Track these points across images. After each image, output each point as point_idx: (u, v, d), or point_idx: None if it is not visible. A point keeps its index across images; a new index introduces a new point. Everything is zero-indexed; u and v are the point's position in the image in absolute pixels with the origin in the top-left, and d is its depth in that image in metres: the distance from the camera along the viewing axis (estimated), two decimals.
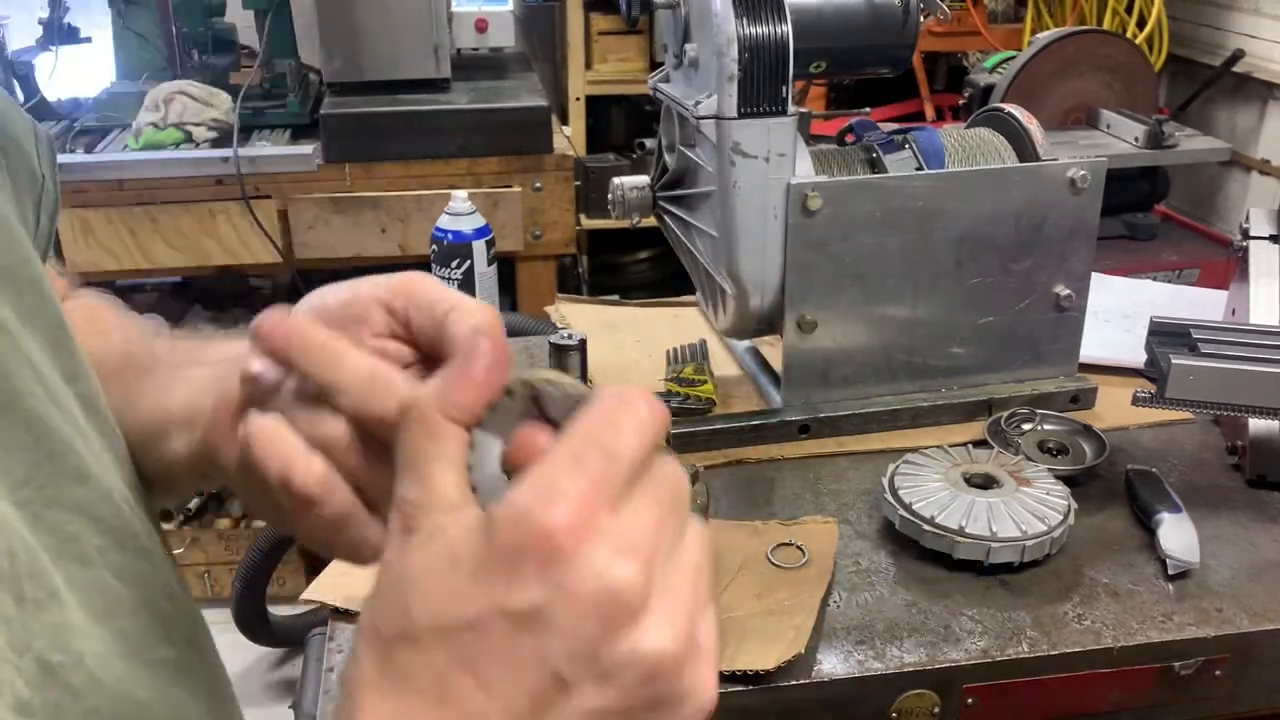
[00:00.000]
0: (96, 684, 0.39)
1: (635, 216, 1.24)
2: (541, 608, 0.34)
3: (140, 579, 0.44)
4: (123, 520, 0.43)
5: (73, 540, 0.41)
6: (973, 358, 1.21)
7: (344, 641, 0.91)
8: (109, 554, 0.42)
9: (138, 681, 0.42)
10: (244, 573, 2.10)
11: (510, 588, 0.34)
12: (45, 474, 0.40)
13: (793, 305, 1.14)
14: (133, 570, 0.43)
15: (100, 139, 2.39)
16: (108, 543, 0.42)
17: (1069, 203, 1.16)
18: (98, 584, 0.41)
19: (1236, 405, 1.00)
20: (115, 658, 0.40)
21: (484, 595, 0.35)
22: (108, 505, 0.43)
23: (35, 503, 0.39)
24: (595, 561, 0.34)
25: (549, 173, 2.39)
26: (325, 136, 2.31)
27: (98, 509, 0.42)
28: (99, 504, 0.42)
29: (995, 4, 3.17)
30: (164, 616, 0.45)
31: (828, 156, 1.17)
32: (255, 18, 2.44)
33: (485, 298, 1.32)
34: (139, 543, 0.44)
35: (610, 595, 0.34)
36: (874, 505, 1.06)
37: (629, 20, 1.18)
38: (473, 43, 2.71)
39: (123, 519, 0.44)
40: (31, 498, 0.39)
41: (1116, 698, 0.91)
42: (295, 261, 2.33)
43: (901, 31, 1.17)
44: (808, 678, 0.86)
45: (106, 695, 0.39)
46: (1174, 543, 0.97)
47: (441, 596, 0.35)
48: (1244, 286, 1.26)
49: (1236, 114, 2.85)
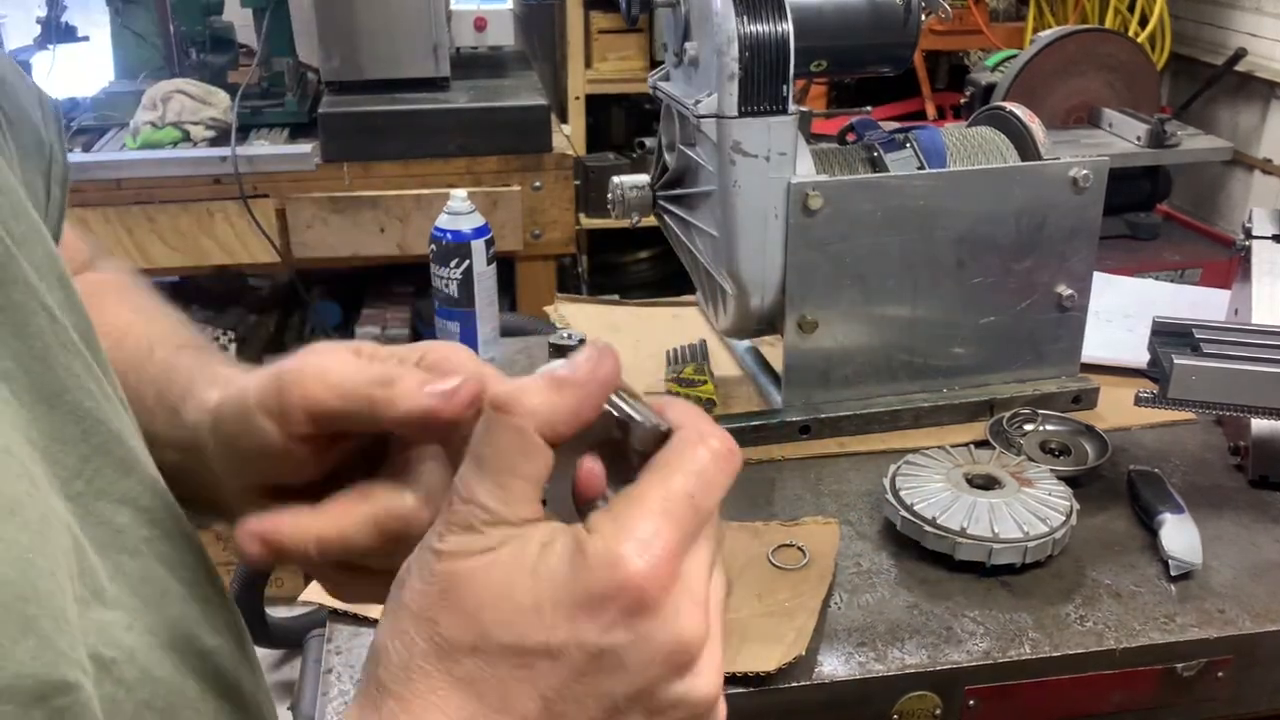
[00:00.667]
0: (148, 677, 0.39)
1: (635, 216, 1.24)
2: (620, 650, 0.37)
3: (186, 567, 0.44)
4: (168, 510, 0.44)
5: (121, 532, 0.41)
6: (974, 358, 1.21)
7: (342, 643, 0.90)
8: (156, 544, 0.42)
9: (188, 672, 0.42)
10: (242, 573, 2.09)
11: (595, 626, 0.36)
12: (94, 467, 0.40)
13: (793, 305, 1.13)
14: (178, 559, 0.44)
15: (98, 138, 2.38)
16: (155, 533, 0.43)
17: (1071, 202, 1.15)
18: (147, 574, 0.41)
19: (1239, 405, 1.00)
20: (164, 650, 0.41)
21: (568, 628, 0.37)
22: (153, 495, 0.43)
23: (85, 496, 0.39)
24: (672, 614, 0.37)
25: (548, 172, 2.38)
26: (324, 135, 2.30)
27: (143, 499, 0.42)
28: (144, 494, 0.43)
29: (997, 2, 3.17)
30: (210, 604, 0.45)
31: (828, 156, 1.17)
32: (253, 16, 2.44)
33: (484, 298, 1.32)
34: (183, 529, 0.45)
35: (681, 645, 0.38)
36: (875, 506, 1.06)
37: (629, 19, 1.17)
38: (472, 41, 2.70)
39: (168, 508, 0.44)
40: (82, 490, 0.39)
41: (1119, 699, 0.90)
42: (293, 261, 2.33)
43: (903, 30, 1.17)
44: (809, 679, 0.85)
45: (157, 687, 0.39)
46: (1176, 543, 0.97)
47: (524, 620, 0.37)
48: (1246, 286, 1.25)
49: (1239, 113, 2.84)
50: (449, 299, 1.31)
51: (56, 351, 0.39)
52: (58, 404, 0.39)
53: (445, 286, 1.31)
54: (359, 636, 0.91)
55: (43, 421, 0.38)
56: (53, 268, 0.41)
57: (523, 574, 0.37)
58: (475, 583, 0.37)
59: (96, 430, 0.40)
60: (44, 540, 0.33)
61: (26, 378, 0.37)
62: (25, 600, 0.31)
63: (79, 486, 0.39)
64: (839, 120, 1.29)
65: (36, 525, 0.33)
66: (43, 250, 0.41)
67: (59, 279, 0.41)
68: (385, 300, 2.74)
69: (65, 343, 0.40)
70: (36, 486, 0.35)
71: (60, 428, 0.39)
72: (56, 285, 0.41)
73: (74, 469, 0.39)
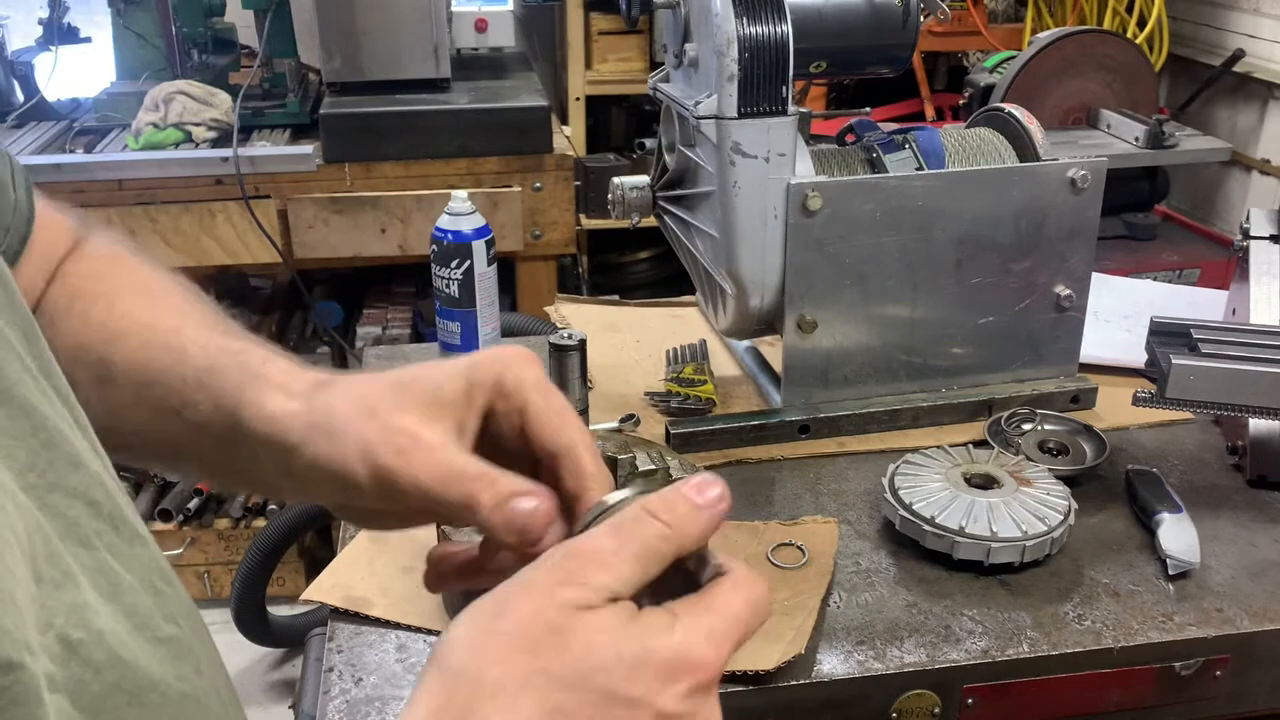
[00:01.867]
0: (115, 660, 0.40)
1: (635, 216, 1.24)
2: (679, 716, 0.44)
3: (136, 561, 0.45)
4: (114, 504, 0.45)
5: (74, 524, 0.42)
6: (973, 358, 1.21)
7: (343, 641, 0.91)
8: (106, 536, 0.43)
9: (151, 657, 0.43)
10: (243, 573, 2.09)
11: (666, 691, 0.44)
12: (45, 460, 0.41)
13: (793, 305, 1.14)
14: (128, 552, 0.45)
15: (100, 139, 2.39)
16: (104, 526, 0.43)
17: (1069, 203, 1.16)
18: (100, 566, 0.42)
19: (1237, 405, 1.00)
20: (127, 635, 0.42)
21: (645, 687, 0.44)
22: (100, 489, 0.44)
23: (39, 488, 0.40)
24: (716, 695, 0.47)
25: (549, 173, 2.39)
26: (325, 136, 2.30)
27: (92, 492, 0.43)
28: (93, 488, 0.44)
29: (995, 4, 3.17)
30: (162, 596, 0.46)
31: (828, 156, 1.17)
32: (255, 17, 2.44)
33: (485, 298, 1.32)
34: (131, 526, 0.46)
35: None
36: (874, 505, 1.06)
37: (629, 20, 1.18)
38: (473, 42, 2.70)
39: (114, 503, 0.45)
40: (35, 483, 0.40)
41: (1117, 698, 0.91)
42: (295, 261, 2.33)
43: (901, 31, 1.17)
44: (808, 678, 0.86)
45: (125, 670, 0.40)
46: (1174, 543, 0.97)
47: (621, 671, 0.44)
48: (1244, 286, 1.26)
49: (1237, 114, 2.85)
50: (450, 299, 1.31)
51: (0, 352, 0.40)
52: (6, 400, 0.40)
53: (446, 287, 1.31)
54: (360, 635, 0.91)
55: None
56: None
57: (626, 634, 0.44)
58: (587, 630, 0.44)
59: (43, 426, 0.41)
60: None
61: None
62: None
63: (32, 479, 0.40)
64: (838, 121, 1.29)
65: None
66: None
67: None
68: (386, 300, 2.75)
69: (3, 342, 0.41)
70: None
71: (10, 422, 0.40)
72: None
73: (26, 462, 0.40)
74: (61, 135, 2.41)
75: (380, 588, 0.95)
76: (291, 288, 2.69)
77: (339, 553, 1.01)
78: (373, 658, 0.89)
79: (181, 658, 0.45)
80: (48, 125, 2.47)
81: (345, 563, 0.99)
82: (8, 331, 0.42)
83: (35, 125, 2.47)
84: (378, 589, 0.95)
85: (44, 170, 2.19)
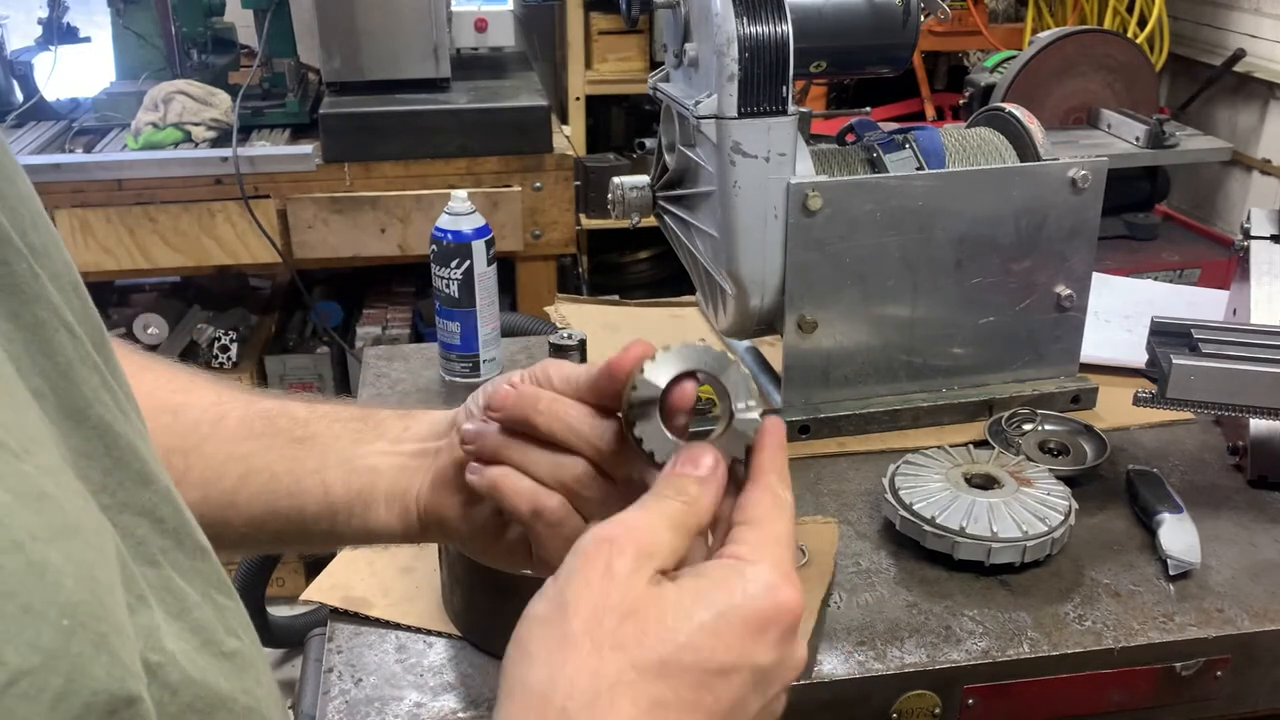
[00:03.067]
0: (188, 679, 0.40)
1: (635, 216, 1.24)
2: (774, 667, 0.44)
3: (199, 575, 0.45)
4: (180, 519, 0.45)
5: (142, 543, 0.41)
6: (973, 358, 1.21)
7: (343, 641, 0.91)
8: (171, 554, 0.43)
9: (219, 673, 0.43)
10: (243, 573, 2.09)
11: (761, 647, 0.44)
12: (116, 480, 0.41)
13: (793, 305, 1.13)
14: (190, 567, 0.45)
15: (99, 139, 2.39)
16: (169, 543, 0.43)
17: (1069, 202, 1.16)
18: (166, 584, 0.42)
19: (1237, 405, 1.00)
20: (195, 653, 0.42)
21: (737, 650, 0.43)
22: (168, 505, 0.44)
23: (112, 509, 0.40)
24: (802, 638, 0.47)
25: (549, 173, 2.39)
26: (324, 136, 2.30)
27: (159, 510, 0.43)
28: (161, 505, 0.43)
29: (996, 3, 3.17)
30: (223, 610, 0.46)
31: (828, 156, 1.17)
32: (254, 17, 2.44)
33: (485, 298, 1.32)
34: (194, 539, 0.46)
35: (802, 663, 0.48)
36: (874, 505, 1.06)
37: (629, 20, 1.17)
38: (472, 42, 2.70)
39: (180, 518, 0.45)
40: (109, 504, 0.40)
41: (1117, 698, 0.91)
42: (294, 261, 2.33)
43: (902, 31, 1.17)
44: (808, 678, 0.86)
45: (197, 690, 0.40)
46: (1175, 543, 0.97)
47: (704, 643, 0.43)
48: (1245, 286, 1.25)
49: (1237, 114, 2.84)
50: (450, 299, 1.31)
51: (77, 367, 0.40)
52: (82, 420, 0.39)
53: (446, 287, 1.31)
54: (359, 635, 0.91)
55: (72, 438, 0.38)
56: (69, 276, 0.42)
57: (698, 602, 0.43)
58: (659, 608, 0.43)
59: (116, 444, 0.41)
60: (102, 555, 0.34)
61: (54, 395, 0.38)
62: (99, 619, 0.32)
63: (105, 500, 0.40)
64: (838, 121, 1.29)
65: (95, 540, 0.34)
66: (60, 260, 0.41)
67: (74, 288, 0.42)
68: (386, 300, 2.75)
69: (83, 357, 0.40)
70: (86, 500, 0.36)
71: (85, 443, 0.39)
72: (73, 294, 0.41)
73: (99, 483, 0.40)
74: (61, 135, 2.41)
75: (380, 588, 0.95)
76: (291, 288, 2.69)
77: (339, 553, 1.01)
78: (372, 658, 0.89)
79: (244, 670, 0.45)
80: (47, 125, 2.47)
81: (345, 563, 0.99)
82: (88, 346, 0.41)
83: (35, 125, 2.47)
84: (377, 589, 0.95)
85: (44, 170, 2.19)
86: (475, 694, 0.85)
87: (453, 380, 1.35)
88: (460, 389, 1.33)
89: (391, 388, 1.34)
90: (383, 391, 1.33)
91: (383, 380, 1.36)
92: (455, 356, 1.34)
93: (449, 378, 1.35)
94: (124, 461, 0.41)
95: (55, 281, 0.40)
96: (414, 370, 1.38)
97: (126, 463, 0.41)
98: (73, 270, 0.42)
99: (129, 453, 0.42)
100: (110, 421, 0.41)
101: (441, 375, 1.36)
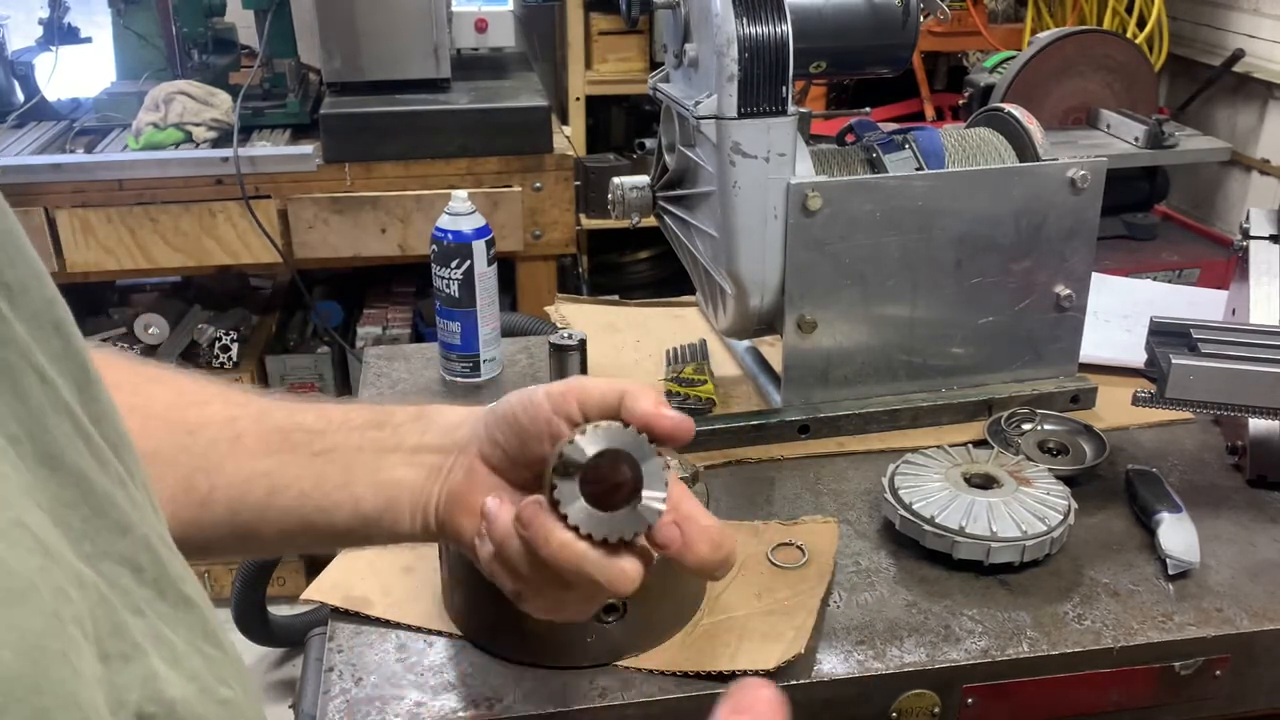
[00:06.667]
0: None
1: (635, 216, 1.24)
2: None
3: (182, 625, 0.44)
4: (160, 569, 0.43)
5: (126, 593, 0.40)
6: (973, 358, 1.21)
7: (343, 641, 0.91)
8: (154, 604, 0.42)
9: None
10: (244, 572, 2.09)
11: None
12: (94, 528, 0.40)
13: (793, 305, 1.14)
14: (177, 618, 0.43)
15: (100, 139, 2.39)
16: (150, 593, 0.42)
17: (1069, 203, 1.16)
18: (154, 633, 0.41)
19: (1237, 405, 1.00)
20: (194, 701, 0.41)
21: None
22: (147, 554, 0.43)
23: (93, 557, 0.39)
24: None
25: (549, 173, 2.39)
26: (325, 136, 2.30)
27: (138, 558, 0.42)
28: (139, 554, 0.42)
29: (995, 4, 3.17)
30: (215, 661, 0.45)
31: (828, 156, 1.17)
32: (255, 17, 2.44)
33: (485, 298, 1.32)
34: (178, 590, 0.44)
35: None
36: (874, 505, 1.06)
37: (629, 20, 1.18)
38: (473, 43, 2.70)
39: (160, 568, 0.43)
40: (90, 552, 0.39)
41: (1116, 698, 0.91)
42: (295, 261, 2.33)
43: (901, 31, 1.17)
44: (808, 677, 0.86)
45: None
46: (1174, 543, 0.97)
47: None
48: (1244, 286, 1.26)
49: (1237, 114, 2.85)
50: (450, 299, 1.31)
51: (49, 414, 0.39)
52: (58, 467, 0.38)
53: (446, 287, 1.31)
54: (360, 635, 0.91)
55: (48, 485, 0.38)
56: (49, 315, 0.40)
57: None
58: None
59: (92, 491, 0.40)
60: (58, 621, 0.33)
61: (30, 442, 0.37)
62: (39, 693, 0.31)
63: (87, 548, 0.39)
64: (838, 121, 1.29)
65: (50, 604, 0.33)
66: (40, 297, 0.40)
67: (55, 326, 0.41)
68: (386, 300, 2.75)
69: (54, 402, 0.39)
70: (51, 557, 0.35)
71: (63, 490, 0.38)
72: (53, 334, 0.40)
73: (80, 531, 0.39)
74: (62, 135, 2.41)
75: (380, 587, 0.96)
76: (291, 288, 2.69)
77: (339, 553, 1.01)
78: (373, 658, 0.89)
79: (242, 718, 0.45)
80: (48, 125, 2.47)
81: (345, 562, 0.99)
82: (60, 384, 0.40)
83: (35, 125, 2.47)
84: (378, 589, 0.95)
85: (44, 170, 2.19)
86: (475, 693, 0.85)
87: (453, 380, 1.35)
88: (460, 389, 1.33)
89: (392, 387, 1.34)
90: (383, 391, 1.33)
91: (383, 380, 1.36)
92: (456, 356, 1.34)
93: (449, 377, 1.35)
94: (100, 510, 0.40)
95: (32, 321, 0.38)
96: (414, 370, 1.38)
97: (104, 511, 0.40)
98: (55, 307, 0.41)
99: (105, 501, 0.41)
100: (85, 470, 0.40)
101: (442, 375, 1.36)
